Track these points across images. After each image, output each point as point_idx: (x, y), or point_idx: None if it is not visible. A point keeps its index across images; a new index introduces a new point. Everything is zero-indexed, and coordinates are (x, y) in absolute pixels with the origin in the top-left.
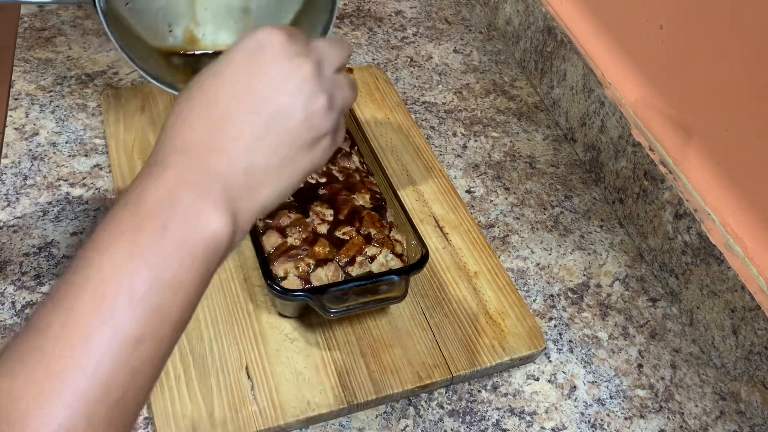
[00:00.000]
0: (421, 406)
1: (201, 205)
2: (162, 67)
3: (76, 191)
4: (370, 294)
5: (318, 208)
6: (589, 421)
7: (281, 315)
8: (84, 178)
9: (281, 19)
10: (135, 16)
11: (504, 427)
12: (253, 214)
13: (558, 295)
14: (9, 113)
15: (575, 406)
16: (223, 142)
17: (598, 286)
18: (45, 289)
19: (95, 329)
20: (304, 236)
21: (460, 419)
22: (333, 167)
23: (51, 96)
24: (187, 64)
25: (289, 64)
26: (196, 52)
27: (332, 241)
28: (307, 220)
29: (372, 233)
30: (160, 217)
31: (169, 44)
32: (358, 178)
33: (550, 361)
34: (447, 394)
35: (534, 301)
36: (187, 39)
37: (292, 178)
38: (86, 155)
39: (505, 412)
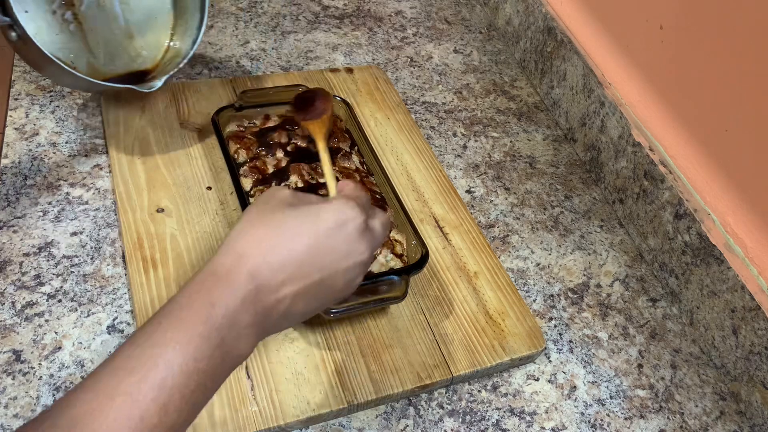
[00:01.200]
0: (421, 406)
1: (247, 332)
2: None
3: (76, 191)
4: (370, 294)
5: None
6: (589, 421)
7: None
8: (84, 178)
9: (162, 33)
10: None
11: (504, 427)
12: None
13: (558, 295)
14: (9, 113)
15: (575, 406)
16: (283, 282)
17: (598, 286)
18: (45, 289)
19: (129, 392)
20: None
21: (460, 419)
22: (333, 167)
23: (51, 96)
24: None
25: (357, 247)
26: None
27: None
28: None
29: None
30: (221, 331)
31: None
32: (358, 178)
33: (550, 361)
34: (447, 394)
35: (534, 301)
36: (91, 70)
37: (307, 317)
38: (86, 155)
39: (505, 412)
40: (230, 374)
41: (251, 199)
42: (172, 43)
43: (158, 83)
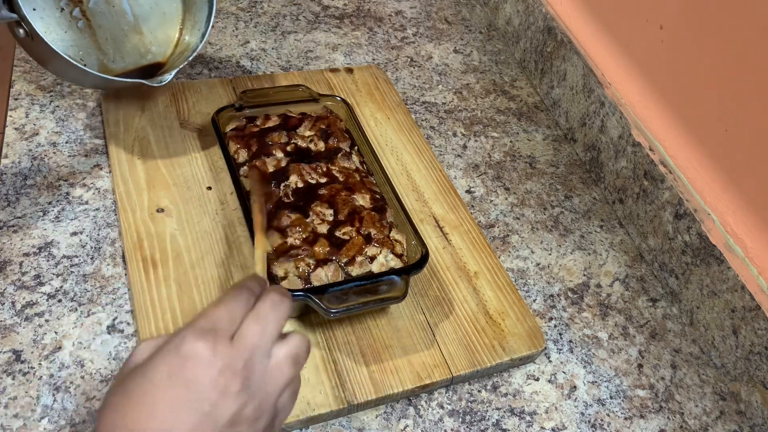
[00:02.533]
0: (421, 406)
1: None
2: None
3: (76, 191)
4: (370, 294)
5: (318, 208)
6: (589, 421)
7: None
8: (84, 178)
9: (172, 27)
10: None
11: (504, 427)
12: None
13: (558, 295)
14: (9, 113)
15: (575, 406)
16: None
17: (598, 286)
18: (45, 289)
19: None
20: (304, 236)
21: (460, 419)
22: (333, 167)
23: (51, 96)
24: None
25: (212, 383)
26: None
27: (332, 241)
28: (307, 220)
29: (372, 233)
30: None
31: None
32: (358, 178)
33: (550, 361)
34: (447, 394)
35: (534, 301)
36: (101, 68)
37: None
38: (86, 155)
39: (505, 412)
40: None
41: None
42: (182, 38)
43: (168, 77)
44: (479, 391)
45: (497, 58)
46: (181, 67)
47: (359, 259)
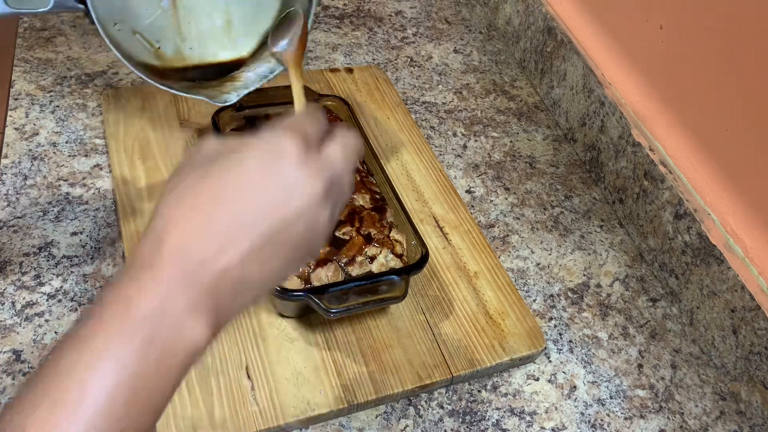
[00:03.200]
0: (421, 406)
1: (188, 318)
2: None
3: (76, 191)
4: (370, 294)
5: None
6: (589, 421)
7: (281, 315)
8: (84, 178)
9: (264, 19)
10: (125, 35)
11: (504, 427)
12: (233, 316)
13: (558, 295)
14: (9, 113)
15: (575, 406)
16: (220, 249)
17: (598, 286)
18: (45, 289)
19: (64, 416)
20: None
21: (460, 419)
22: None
23: (51, 96)
24: (178, 74)
25: (302, 180)
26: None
27: (332, 241)
28: None
29: (372, 233)
30: (146, 328)
31: (159, 62)
32: (358, 178)
33: (550, 361)
34: (447, 394)
35: (534, 301)
36: (176, 54)
37: (276, 282)
38: (86, 155)
39: (505, 412)
40: (190, 367)
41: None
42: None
43: (233, 97)
44: (479, 391)
45: (497, 58)
46: (253, 88)
47: (359, 259)
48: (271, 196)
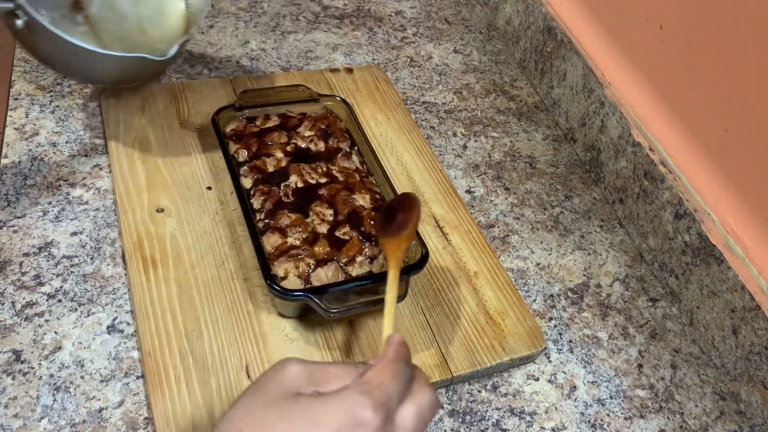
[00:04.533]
0: None
1: None
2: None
3: (76, 191)
4: (370, 294)
5: (318, 208)
6: (589, 421)
7: (281, 315)
8: (84, 178)
9: (175, 22)
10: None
11: (504, 427)
12: None
13: (558, 295)
14: (9, 113)
15: (575, 406)
16: None
17: (598, 286)
18: (45, 289)
19: None
20: (304, 236)
21: (460, 419)
22: (333, 167)
23: (51, 96)
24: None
25: None
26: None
27: (332, 241)
28: (307, 220)
29: (372, 233)
30: None
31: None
32: (358, 178)
33: (550, 361)
34: (447, 394)
35: (534, 301)
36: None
37: None
38: (86, 155)
39: (505, 412)
40: None
41: (252, 199)
42: (189, 30)
43: (172, 51)
44: (479, 391)
45: (497, 58)
46: (182, 40)
47: (359, 259)
48: None
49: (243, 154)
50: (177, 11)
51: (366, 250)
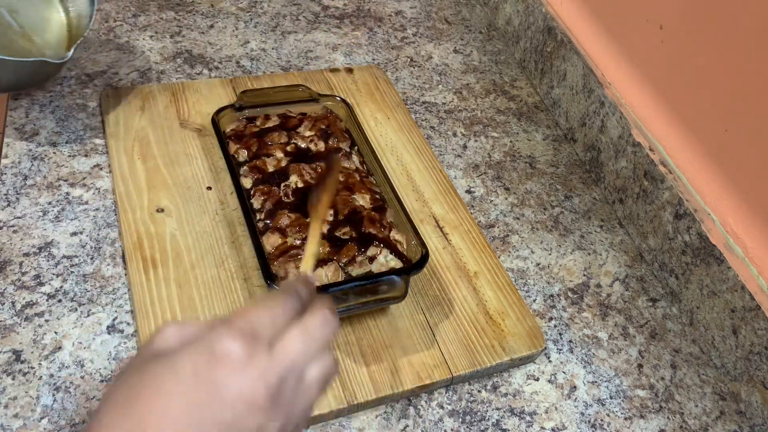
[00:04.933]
0: (421, 406)
1: None
2: None
3: (76, 191)
4: (370, 294)
5: None
6: (589, 421)
7: None
8: (84, 178)
9: (59, 28)
10: None
11: (504, 427)
12: None
13: (558, 295)
14: (9, 113)
15: (575, 406)
16: None
17: (598, 286)
18: (45, 289)
19: None
20: (304, 236)
21: (460, 419)
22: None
23: (51, 96)
24: None
25: (238, 388)
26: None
27: (332, 241)
28: (307, 220)
29: (372, 233)
30: None
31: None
32: (358, 178)
33: (550, 361)
34: (447, 394)
35: (534, 301)
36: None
37: None
38: (86, 155)
39: (505, 412)
40: None
41: (252, 199)
42: (72, 34)
43: (69, 54)
44: (479, 391)
45: (497, 58)
46: (78, 42)
47: (359, 259)
48: (197, 414)
49: (243, 154)
50: (59, 20)
51: (366, 250)
